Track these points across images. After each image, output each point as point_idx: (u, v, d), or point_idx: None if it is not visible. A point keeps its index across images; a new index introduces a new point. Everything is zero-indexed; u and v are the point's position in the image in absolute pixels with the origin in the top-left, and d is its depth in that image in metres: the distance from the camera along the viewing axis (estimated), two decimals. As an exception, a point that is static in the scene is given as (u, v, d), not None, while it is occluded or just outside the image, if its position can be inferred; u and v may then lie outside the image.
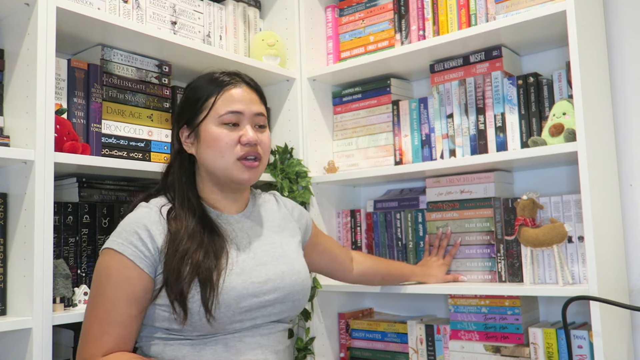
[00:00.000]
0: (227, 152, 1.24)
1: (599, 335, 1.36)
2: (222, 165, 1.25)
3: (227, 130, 1.25)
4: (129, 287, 1.14)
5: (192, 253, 1.16)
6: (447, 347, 1.71)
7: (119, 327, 1.14)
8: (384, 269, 1.69)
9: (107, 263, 1.16)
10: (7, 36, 1.37)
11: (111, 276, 1.15)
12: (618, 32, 1.70)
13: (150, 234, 1.17)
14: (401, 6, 1.87)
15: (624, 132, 1.67)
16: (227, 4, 1.90)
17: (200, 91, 1.29)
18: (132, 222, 1.19)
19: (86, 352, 1.13)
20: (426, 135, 1.82)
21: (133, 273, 1.15)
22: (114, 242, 1.17)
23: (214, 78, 1.30)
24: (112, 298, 1.14)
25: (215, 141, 1.24)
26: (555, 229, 1.50)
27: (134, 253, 1.15)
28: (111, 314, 1.13)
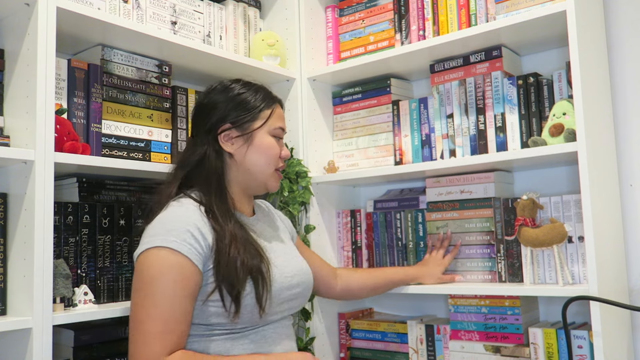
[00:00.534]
0: (273, 162, 1.39)
1: (599, 335, 1.36)
2: (266, 172, 1.38)
3: (275, 142, 1.40)
4: (187, 284, 1.17)
5: (243, 254, 1.22)
6: (447, 347, 1.71)
7: (181, 324, 1.16)
8: (371, 281, 1.68)
9: (164, 261, 1.17)
10: (7, 36, 1.37)
11: (170, 274, 1.16)
12: (618, 32, 1.70)
13: (201, 232, 1.21)
14: (401, 6, 1.87)
15: (624, 132, 1.67)
16: (227, 4, 1.90)
17: (254, 100, 1.38)
18: (181, 221, 1.21)
19: (149, 352, 1.13)
20: (426, 135, 1.82)
21: (190, 270, 1.18)
22: (167, 240, 1.18)
23: (265, 92, 1.42)
24: (171, 295, 1.15)
25: (268, 150, 1.37)
26: (555, 229, 1.50)
27: (190, 250, 1.18)
28: (172, 312, 1.15)
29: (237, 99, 1.37)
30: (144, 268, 1.18)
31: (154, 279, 1.16)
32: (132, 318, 1.18)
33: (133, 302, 1.19)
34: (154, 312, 1.14)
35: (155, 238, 1.19)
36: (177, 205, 1.26)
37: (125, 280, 1.53)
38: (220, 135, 1.35)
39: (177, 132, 1.69)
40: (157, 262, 1.17)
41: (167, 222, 1.22)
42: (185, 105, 1.72)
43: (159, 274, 1.16)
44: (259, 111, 1.37)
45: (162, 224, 1.21)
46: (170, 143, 1.67)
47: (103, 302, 1.48)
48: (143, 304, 1.16)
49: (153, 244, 1.18)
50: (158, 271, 1.16)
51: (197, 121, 1.41)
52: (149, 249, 1.18)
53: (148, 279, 1.17)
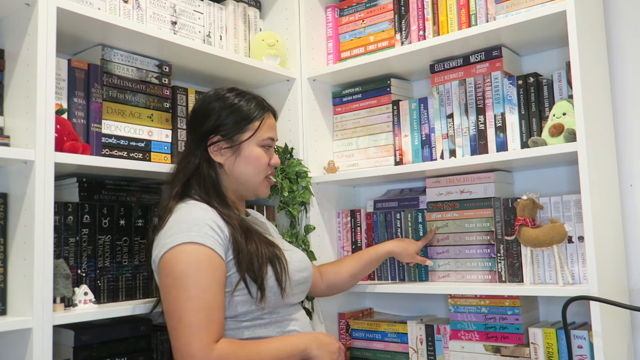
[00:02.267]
0: (262, 171, 1.44)
1: (599, 335, 1.36)
2: (255, 181, 1.44)
3: (264, 152, 1.44)
4: (218, 274, 1.24)
5: (259, 243, 1.31)
6: (447, 347, 1.71)
7: (220, 312, 1.22)
8: (345, 269, 1.72)
9: (193, 255, 1.22)
10: (7, 36, 1.37)
11: (202, 266, 1.21)
12: (618, 32, 1.70)
13: (218, 225, 1.28)
14: (401, 6, 1.87)
15: (624, 132, 1.67)
16: (227, 4, 1.90)
17: (243, 113, 1.42)
18: (198, 218, 1.27)
19: (198, 342, 1.16)
20: (426, 135, 1.82)
21: (217, 260, 1.24)
22: (190, 236, 1.23)
23: (256, 103, 1.45)
24: (206, 286, 1.20)
25: (256, 160, 1.43)
26: (555, 229, 1.50)
27: (214, 242, 1.25)
28: (211, 301, 1.20)
29: (227, 111, 1.42)
30: (172, 265, 1.22)
31: (186, 273, 1.20)
32: (171, 315, 1.21)
33: (168, 301, 1.22)
34: (193, 304, 1.18)
35: (176, 237, 1.23)
36: (188, 206, 1.32)
37: (125, 280, 1.53)
38: (210, 146, 1.41)
39: (177, 132, 1.69)
40: (185, 257, 1.21)
41: (184, 220, 1.27)
42: (185, 105, 1.72)
43: (190, 267, 1.20)
44: (247, 123, 1.42)
45: (179, 223, 1.26)
46: (170, 143, 1.67)
47: (103, 302, 1.48)
48: (180, 298, 1.19)
49: (177, 242, 1.23)
50: (188, 265, 1.21)
51: (190, 128, 1.48)
52: (173, 248, 1.23)
53: (180, 274, 1.20)
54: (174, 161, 1.67)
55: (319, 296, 1.75)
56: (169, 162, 1.65)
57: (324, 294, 1.74)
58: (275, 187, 1.85)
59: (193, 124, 1.46)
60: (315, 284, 1.65)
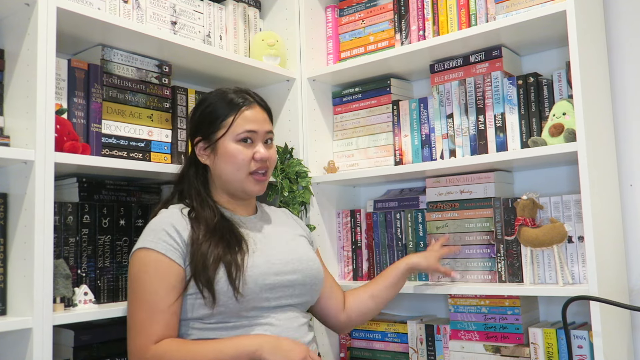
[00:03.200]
0: (243, 167, 1.39)
1: (599, 335, 1.36)
2: (237, 178, 1.39)
3: (243, 147, 1.39)
4: (166, 277, 1.26)
5: (216, 242, 1.29)
6: (447, 347, 1.71)
7: (164, 314, 1.24)
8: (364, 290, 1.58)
9: (143, 260, 1.27)
10: (7, 36, 1.37)
11: (149, 271, 1.26)
12: (618, 32, 1.70)
13: (176, 229, 1.29)
14: (401, 6, 1.87)
15: (624, 132, 1.67)
16: (227, 4, 1.90)
17: (218, 110, 1.40)
18: (158, 223, 1.31)
19: (139, 341, 1.23)
20: (426, 135, 1.82)
21: (167, 264, 1.26)
22: (145, 241, 1.29)
23: (230, 99, 1.41)
24: (153, 289, 1.24)
25: (233, 157, 1.38)
26: (555, 229, 1.50)
27: (165, 247, 1.27)
28: (155, 304, 1.24)
29: (205, 111, 1.42)
30: (130, 269, 1.31)
31: (136, 277, 1.28)
32: (127, 316, 1.29)
33: (127, 303, 1.30)
34: (138, 305, 1.25)
35: (138, 242, 1.31)
36: (163, 211, 1.36)
37: (125, 280, 1.53)
38: (196, 148, 1.43)
39: (177, 132, 1.69)
40: (137, 262, 1.28)
41: (148, 226, 1.33)
42: (185, 105, 1.72)
43: (140, 271, 1.27)
44: (220, 121, 1.39)
45: (145, 229, 1.33)
46: (170, 143, 1.67)
47: (103, 302, 1.48)
48: (131, 300, 1.28)
49: (135, 247, 1.30)
50: (138, 269, 1.27)
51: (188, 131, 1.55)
52: (133, 252, 1.31)
53: (132, 277, 1.29)
54: (174, 161, 1.67)
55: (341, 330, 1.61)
56: (169, 162, 1.65)
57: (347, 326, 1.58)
58: (275, 187, 1.85)
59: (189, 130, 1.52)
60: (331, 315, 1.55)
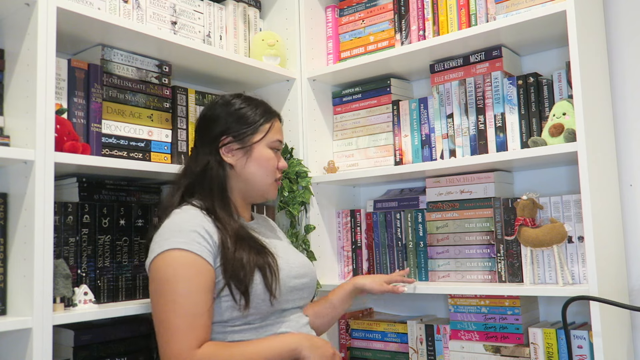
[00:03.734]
0: (271, 173, 1.45)
1: (599, 335, 1.36)
2: (265, 182, 1.44)
3: (273, 155, 1.46)
4: (202, 279, 1.23)
5: (247, 247, 1.30)
6: (447, 347, 1.71)
7: (202, 318, 1.22)
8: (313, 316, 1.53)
9: (176, 261, 1.22)
10: (7, 36, 1.37)
11: (184, 272, 1.22)
12: (618, 32, 1.70)
13: (207, 230, 1.28)
14: (401, 6, 1.87)
15: (624, 132, 1.67)
16: (227, 4, 1.90)
17: (255, 114, 1.44)
18: (186, 223, 1.28)
19: (178, 347, 1.19)
20: (426, 135, 1.82)
21: (203, 266, 1.24)
22: (176, 242, 1.24)
23: (265, 107, 1.48)
24: (188, 292, 1.21)
25: (268, 161, 1.44)
26: (555, 229, 1.50)
27: (200, 248, 1.24)
28: (194, 307, 1.21)
29: (238, 113, 1.44)
30: (159, 271, 1.24)
31: (171, 278, 1.22)
32: (157, 319, 1.23)
33: (154, 305, 1.24)
34: (177, 309, 1.20)
35: (164, 242, 1.25)
36: (181, 212, 1.33)
37: (125, 280, 1.53)
38: (222, 148, 1.41)
39: (177, 132, 1.69)
40: (170, 263, 1.23)
41: (173, 226, 1.28)
42: (185, 105, 1.72)
43: (174, 273, 1.22)
44: (259, 125, 1.44)
45: (169, 229, 1.27)
46: (170, 143, 1.67)
47: (103, 302, 1.47)
48: (165, 303, 1.21)
49: (164, 248, 1.24)
50: (173, 271, 1.22)
51: (199, 133, 1.48)
52: (160, 254, 1.24)
53: (165, 280, 1.22)
54: (174, 161, 1.67)
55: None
56: (169, 162, 1.65)
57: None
58: (275, 187, 1.86)
59: (202, 129, 1.47)
60: None
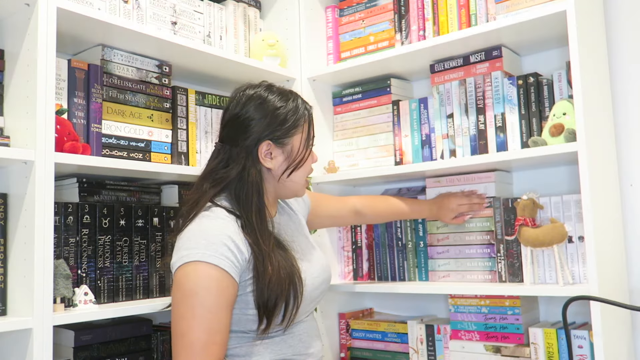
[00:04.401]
0: (308, 173, 1.41)
1: (599, 335, 1.36)
2: (300, 183, 1.40)
3: (312, 155, 1.41)
4: (225, 296, 1.20)
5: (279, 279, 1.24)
6: (448, 347, 1.71)
7: (223, 334, 1.19)
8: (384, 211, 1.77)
9: (204, 275, 1.18)
10: (7, 36, 1.37)
11: (210, 287, 1.18)
12: (618, 32, 1.69)
13: (237, 244, 1.22)
14: (401, 6, 1.87)
15: (624, 132, 1.67)
16: (227, 4, 1.90)
17: (294, 114, 1.36)
18: (216, 234, 1.22)
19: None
20: (426, 135, 1.82)
21: (228, 282, 1.20)
22: (204, 255, 1.19)
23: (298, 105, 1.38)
24: (213, 308, 1.18)
25: (307, 164, 1.39)
26: (555, 229, 1.50)
27: (227, 264, 1.20)
28: (215, 323, 1.18)
29: (275, 114, 1.34)
30: (183, 281, 1.20)
31: (194, 292, 1.18)
32: (175, 330, 1.19)
33: (175, 315, 1.20)
34: (196, 323, 1.16)
35: (193, 251, 1.20)
36: (212, 217, 1.26)
37: (125, 280, 1.53)
38: (260, 152, 1.32)
39: (177, 132, 1.69)
40: (196, 276, 1.19)
41: (204, 235, 1.22)
42: (186, 105, 1.72)
43: (198, 287, 1.18)
44: (299, 126, 1.36)
45: (199, 237, 1.22)
46: (171, 143, 1.67)
47: (103, 303, 1.48)
48: (185, 316, 1.18)
49: (191, 258, 1.19)
50: (197, 285, 1.18)
51: (232, 133, 1.35)
52: (187, 264, 1.20)
53: (188, 292, 1.18)
54: (174, 161, 1.67)
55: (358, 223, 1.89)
56: (169, 163, 1.65)
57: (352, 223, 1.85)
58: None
59: (237, 128, 1.34)
60: (347, 221, 1.79)
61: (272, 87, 1.39)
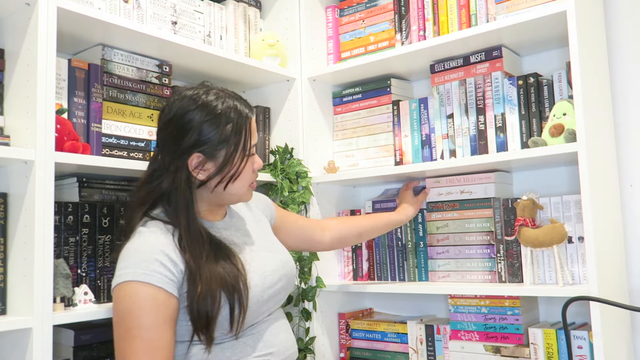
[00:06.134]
0: (247, 182, 1.34)
1: (599, 335, 1.36)
2: (241, 192, 1.33)
3: (249, 162, 1.32)
4: (164, 312, 1.16)
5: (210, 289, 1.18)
6: (447, 347, 1.71)
7: (164, 352, 1.15)
8: (355, 229, 1.73)
9: (135, 294, 1.15)
10: (8, 36, 1.37)
11: (144, 306, 1.15)
12: (618, 32, 1.70)
13: (170, 258, 1.19)
14: (401, 6, 1.87)
15: (624, 132, 1.67)
16: (228, 4, 1.90)
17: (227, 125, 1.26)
18: (148, 250, 1.19)
19: None
20: (426, 136, 1.82)
21: (163, 298, 1.17)
22: (134, 273, 1.16)
23: (237, 109, 1.28)
24: (150, 326, 1.14)
25: (244, 174, 1.31)
26: (555, 229, 1.50)
27: (160, 279, 1.17)
28: (154, 342, 1.14)
29: (209, 124, 1.25)
30: (119, 302, 1.17)
31: (129, 312, 1.15)
32: (117, 351, 1.17)
33: (115, 336, 1.18)
34: (137, 344, 1.14)
35: (125, 271, 1.18)
36: (145, 232, 1.23)
37: (125, 280, 1.53)
38: (190, 164, 1.26)
39: (177, 132, 1.68)
40: (129, 296, 1.16)
41: (135, 253, 1.19)
42: (186, 105, 1.72)
43: (133, 307, 1.15)
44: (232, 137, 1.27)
45: (131, 255, 1.19)
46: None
47: (103, 302, 1.47)
48: (124, 337, 1.15)
49: (124, 279, 1.17)
50: (132, 305, 1.15)
51: (164, 140, 1.30)
52: (121, 284, 1.17)
53: (125, 312, 1.16)
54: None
55: (321, 251, 1.80)
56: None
57: (329, 249, 1.73)
58: (275, 187, 1.86)
59: (168, 137, 1.27)
60: (318, 241, 1.66)
61: (209, 89, 1.30)
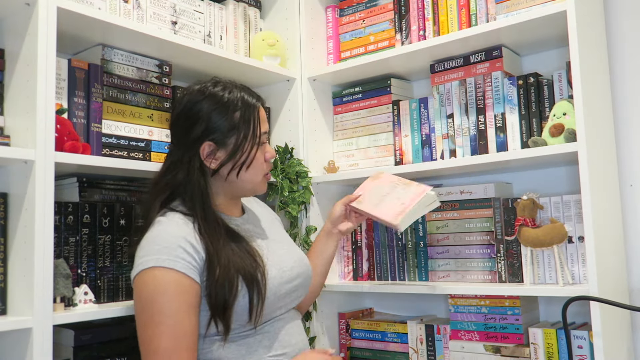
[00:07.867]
0: (261, 171, 1.36)
1: (599, 335, 1.36)
2: (255, 182, 1.35)
3: (260, 150, 1.34)
4: (188, 298, 1.17)
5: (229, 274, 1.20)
6: (447, 347, 1.71)
7: (190, 338, 1.16)
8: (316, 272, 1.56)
9: (160, 280, 1.16)
10: (8, 36, 1.37)
11: (168, 292, 1.15)
12: (618, 32, 1.70)
13: (192, 245, 1.20)
14: (401, 6, 1.87)
15: (624, 132, 1.67)
16: (228, 4, 1.90)
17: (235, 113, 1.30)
18: (170, 237, 1.20)
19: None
20: (426, 136, 1.82)
21: (187, 283, 1.18)
22: (158, 259, 1.17)
23: (243, 99, 1.32)
24: (175, 312, 1.15)
25: (256, 162, 1.33)
26: (555, 229, 1.50)
27: (184, 265, 1.18)
28: (178, 327, 1.15)
29: (217, 113, 1.29)
30: (142, 290, 1.18)
31: (154, 298, 1.16)
32: (141, 339, 1.18)
33: (138, 325, 1.19)
34: (161, 330, 1.14)
35: (147, 258, 1.18)
36: (165, 222, 1.24)
37: (125, 280, 1.53)
38: (202, 153, 1.29)
39: (177, 132, 1.68)
40: (153, 282, 1.17)
41: (157, 240, 1.20)
42: (186, 105, 1.72)
43: (157, 293, 1.16)
44: (241, 124, 1.30)
45: (153, 243, 1.20)
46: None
47: (103, 302, 1.47)
48: (149, 324, 1.16)
49: (146, 265, 1.18)
50: (155, 290, 1.16)
51: (176, 134, 1.35)
52: (142, 271, 1.18)
53: (148, 299, 1.16)
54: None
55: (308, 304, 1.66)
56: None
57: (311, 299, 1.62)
58: (275, 187, 1.86)
59: (179, 129, 1.33)
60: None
61: (218, 82, 1.34)
